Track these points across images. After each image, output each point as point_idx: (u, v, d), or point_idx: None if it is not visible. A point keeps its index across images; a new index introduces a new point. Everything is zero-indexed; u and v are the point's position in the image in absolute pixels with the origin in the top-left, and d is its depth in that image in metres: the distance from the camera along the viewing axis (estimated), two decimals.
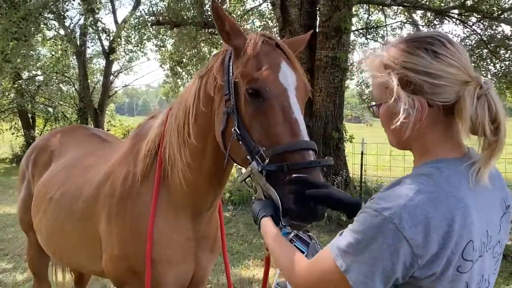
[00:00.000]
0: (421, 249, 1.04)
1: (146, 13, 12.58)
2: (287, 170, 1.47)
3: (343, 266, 1.09)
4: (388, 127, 1.26)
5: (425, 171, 1.13)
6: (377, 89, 1.26)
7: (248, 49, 1.68)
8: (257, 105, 1.62)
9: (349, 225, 1.15)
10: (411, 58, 1.15)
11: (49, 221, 2.69)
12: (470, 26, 10.89)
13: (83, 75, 18.06)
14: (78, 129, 3.40)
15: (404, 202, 1.05)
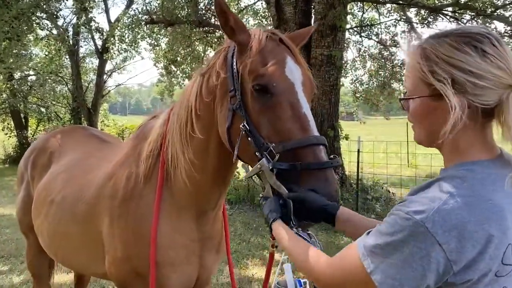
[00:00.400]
0: (456, 255, 1.00)
1: (140, 11, 12.52)
2: (299, 169, 1.46)
3: (370, 266, 1.07)
4: (420, 122, 1.20)
5: (458, 173, 1.09)
6: (412, 81, 1.19)
7: (253, 45, 1.66)
8: (264, 101, 1.59)
9: (377, 226, 1.12)
10: (458, 55, 1.08)
11: (50, 224, 2.66)
12: (464, 23, 10.94)
13: (76, 74, 17.94)
14: (77, 129, 3.37)
15: (438, 206, 1.01)
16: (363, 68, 15.27)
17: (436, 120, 1.13)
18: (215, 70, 1.82)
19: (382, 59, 13.71)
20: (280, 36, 1.74)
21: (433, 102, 1.13)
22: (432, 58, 1.11)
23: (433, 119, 1.15)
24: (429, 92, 1.13)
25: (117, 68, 20.26)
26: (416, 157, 14.37)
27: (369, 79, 15.04)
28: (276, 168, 1.48)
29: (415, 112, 1.20)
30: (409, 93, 1.21)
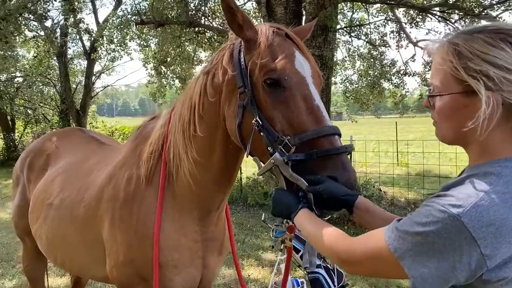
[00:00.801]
0: (491, 250, 0.99)
1: (129, 12, 12.43)
2: (315, 157, 1.45)
3: (397, 251, 1.07)
4: (447, 120, 1.19)
5: (493, 170, 1.07)
6: (441, 78, 1.17)
7: (261, 41, 1.66)
8: (277, 95, 1.59)
9: (409, 215, 1.12)
10: (493, 51, 1.07)
11: (49, 227, 2.64)
12: (453, 23, 11.06)
13: (64, 76, 17.77)
14: (74, 132, 3.33)
15: (475, 201, 1.00)
16: (352, 68, 15.36)
17: (466, 118, 1.11)
18: (221, 67, 1.81)
19: (371, 59, 13.77)
20: (286, 31, 1.75)
21: (465, 99, 1.12)
22: (466, 54, 1.10)
23: (463, 116, 1.13)
24: (461, 89, 1.12)
25: (105, 69, 20.11)
26: (406, 156, 14.50)
27: (359, 79, 15.12)
28: (292, 160, 1.47)
29: (443, 109, 1.18)
30: (437, 90, 1.19)
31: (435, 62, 1.20)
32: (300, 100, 1.57)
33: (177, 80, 15.13)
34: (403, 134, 21.42)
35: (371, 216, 1.50)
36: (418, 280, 1.05)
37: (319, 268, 3.70)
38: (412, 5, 10.83)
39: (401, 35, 13.00)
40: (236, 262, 2.43)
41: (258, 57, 1.63)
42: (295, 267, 4.47)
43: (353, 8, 13.23)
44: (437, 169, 11.50)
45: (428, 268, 1.03)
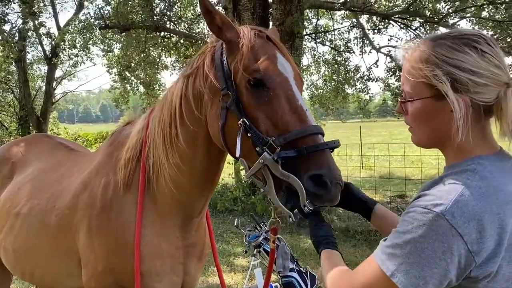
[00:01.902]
0: (477, 245, 1.01)
1: (92, 16, 12.18)
2: (305, 153, 1.46)
3: (389, 269, 1.06)
4: (421, 124, 1.23)
5: (469, 167, 1.12)
6: (412, 84, 1.20)
7: (244, 42, 1.66)
8: (261, 96, 1.60)
9: (392, 231, 1.12)
10: (457, 55, 1.12)
11: (16, 238, 2.51)
12: (414, 30, 11.44)
13: (23, 81, 17.14)
14: (42, 138, 3.20)
15: (455, 198, 1.03)
16: (317, 73, 15.61)
17: (439, 121, 1.17)
18: (203, 70, 1.80)
19: (336, 65, 14.04)
20: (267, 34, 1.76)
21: (436, 102, 1.16)
22: (433, 60, 1.14)
23: (436, 120, 1.18)
24: (431, 93, 1.16)
25: (67, 75, 19.56)
26: (369, 159, 14.83)
27: (324, 84, 15.38)
28: (281, 158, 1.47)
29: (416, 114, 1.22)
30: (409, 96, 1.23)
31: (404, 69, 1.24)
32: (283, 100, 1.58)
33: (141, 86, 14.92)
34: (366, 137, 21.87)
35: (389, 223, 1.53)
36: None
37: (292, 271, 3.72)
38: (375, 12, 11.13)
39: (365, 42, 13.31)
40: (217, 266, 2.41)
41: (241, 58, 1.64)
42: None
43: (318, 14, 13.45)
44: (400, 171, 11.83)
45: (423, 279, 1.03)
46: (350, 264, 5.53)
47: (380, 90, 13.67)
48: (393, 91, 12.45)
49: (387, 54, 12.68)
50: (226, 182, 10.21)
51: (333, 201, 1.47)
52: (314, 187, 1.43)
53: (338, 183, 1.45)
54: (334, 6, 11.32)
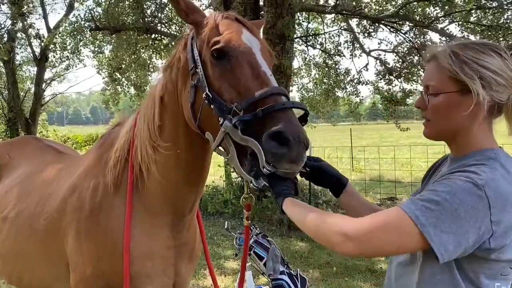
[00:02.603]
0: (498, 216, 1.17)
1: (83, 18, 12.11)
2: (261, 115, 1.43)
3: (418, 219, 1.17)
4: (441, 117, 1.37)
5: (491, 156, 1.29)
6: (440, 79, 1.35)
7: (208, 21, 1.71)
8: (224, 65, 1.61)
9: (427, 190, 1.25)
10: (484, 57, 1.29)
11: (4, 242, 2.48)
12: (403, 34, 11.55)
13: (12, 83, 16.97)
14: (29, 140, 3.17)
15: (491, 176, 1.20)
16: (308, 76, 15.68)
17: (459, 115, 1.32)
18: (177, 57, 1.84)
19: (326, 68, 14.10)
20: (237, 16, 1.78)
21: (459, 97, 1.31)
22: (462, 59, 1.31)
23: (456, 113, 1.33)
24: (457, 88, 1.31)
25: (57, 76, 19.40)
26: (359, 161, 14.91)
27: (314, 87, 15.44)
28: (239, 121, 1.46)
29: (440, 106, 1.36)
30: (435, 90, 1.37)
31: (432, 65, 1.39)
32: (246, 67, 1.58)
33: (132, 88, 14.86)
34: (356, 140, 22.02)
35: (356, 201, 1.66)
36: (437, 245, 1.17)
37: (283, 274, 3.72)
38: (366, 15, 11.21)
39: (355, 45, 13.40)
40: (210, 266, 2.38)
41: (205, 34, 1.68)
42: (259, 275, 4.47)
43: (309, 18, 13.52)
44: (390, 174, 11.91)
45: (447, 234, 1.16)
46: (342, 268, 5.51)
47: (370, 93, 13.76)
48: (382, 94, 12.54)
49: (377, 57, 12.78)
50: (216, 184, 10.19)
51: (297, 161, 1.41)
52: (273, 146, 1.38)
53: (301, 142, 1.39)
54: (325, 9, 11.40)
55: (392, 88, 12.34)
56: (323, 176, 1.69)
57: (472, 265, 1.25)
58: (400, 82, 12.02)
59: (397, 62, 12.14)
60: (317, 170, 1.69)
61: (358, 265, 5.80)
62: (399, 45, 12.21)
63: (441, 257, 1.18)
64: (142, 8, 11.03)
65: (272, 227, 7.82)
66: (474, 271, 1.26)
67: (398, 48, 12.27)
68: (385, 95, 12.32)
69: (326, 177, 1.69)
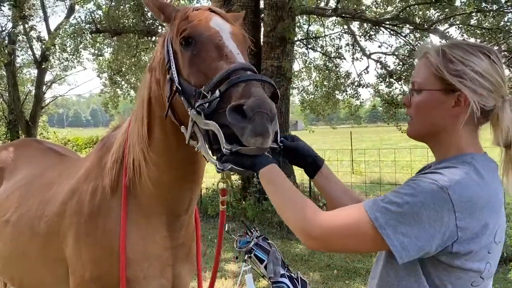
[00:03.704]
0: (464, 223, 1.13)
1: (83, 20, 12.13)
2: (219, 94, 1.37)
3: (378, 221, 1.15)
4: (423, 115, 1.33)
5: (467, 160, 1.24)
6: (425, 75, 1.32)
7: (178, 13, 1.69)
8: (191, 51, 1.57)
9: (393, 190, 1.22)
10: (471, 57, 1.25)
11: (6, 245, 2.48)
12: (404, 36, 11.56)
13: (12, 85, 16.99)
14: (31, 143, 3.17)
15: (459, 179, 1.15)
16: (308, 79, 15.69)
17: (440, 114, 1.29)
18: (157, 57, 1.83)
19: (326, 71, 14.12)
20: (210, 7, 1.75)
21: (442, 96, 1.28)
22: (449, 57, 1.27)
23: (438, 112, 1.29)
24: (441, 87, 1.28)
25: (57, 79, 19.42)
26: (359, 164, 14.90)
27: (315, 90, 15.46)
28: (200, 107, 1.41)
29: (422, 103, 1.32)
30: (418, 86, 1.34)
31: (421, 62, 1.36)
32: (212, 50, 1.54)
33: (132, 91, 14.87)
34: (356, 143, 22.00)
35: (331, 183, 1.59)
36: (397, 249, 1.14)
37: (283, 277, 3.71)
38: (366, 19, 11.23)
39: (355, 48, 13.41)
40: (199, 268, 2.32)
41: (175, 26, 1.66)
42: (259, 277, 4.46)
43: (309, 20, 13.54)
44: (390, 177, 11.90)
45: (409, 238, 1.13)
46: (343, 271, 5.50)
47: (371, 96, 13.77)
48: (383, 97, 12.56)
49: (378, 60, 12.80)
50: (216, 187, 10.15)
51: (263, 134, 1.30)
52: (234, 120, 1.30)
53: (263, 112, 1.29)
54: (325, 12, 11.41)
55: (392, 90, 12.36)
56: (299, 155, 1.61)
57: (438, 271, 1.21)
58: (400, 85, 12.04)
59: (397, 65, 12.15)
60: (293, 149, 1.60)
61: (359, 268, 5.79)
62: (399, 48, 12.24)
63: (400, 260, 1.14)
64: (143, 11, 11.04)
65: (272, 229, 7.81)
66: (440, 278, 1.21)
67: (399, 51, 12.30)
68: (386, 98, 12.33)
69: (301, 156, 1.61)
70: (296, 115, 42.52)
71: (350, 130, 19.40)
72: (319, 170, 1.59)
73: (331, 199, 1.59)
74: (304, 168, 1.63)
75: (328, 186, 1.59)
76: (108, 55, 14.42)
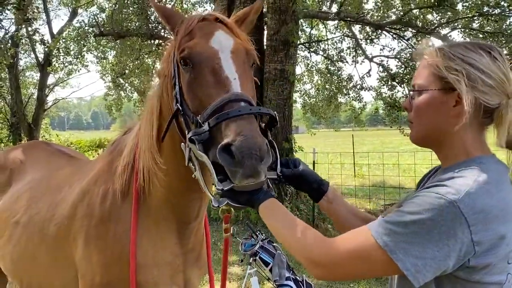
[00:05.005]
0: (480, 236, 1.05)
1: (87, 24, 12.18)
2: (207, 128, 1.35)
3: (387, 245, 1.07)
4: (423, 117, 1.27)
5: (475, 165, 1.17)
6: (426, 76, 1.27)
7: (182, 26, 1.62)
8: (190, 74, 1.53)
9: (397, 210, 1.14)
10: (472, 55, 1.19)
11: (15, 247, 2.48)
12: (406, 40, 11.59)
13: (15, 88, 17.02)
14: (39, 145, 3.18)
15: (468, 190, 1.07)
16: (310, 82, 15.73)
17: (441, 115, 1.23)
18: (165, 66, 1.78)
19: (328, 74, 14.15)
20: (217, 16, 1.69)
21: (442, 95, 1.22)
22: (448, 56, 1.21)
23: (438, 113, 1.24)
24: (440, 86, 1.22)
25: (60, 81, 19.46)
26: (361, 167, 14.89)
27: (317, 93, 15.49)
28: (194, 136, 1.39)
29: (421, 106, 1.27)
30: (418, 87, 1.29)
31: (422, 63, 1.31)
32: (208, 74, 1.49)
33: (135, 93, 14.92)
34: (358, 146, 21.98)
35: (338, 205, 1.55)
36: (411, 273, 1.06)
37: (288, 280, 3.72)
38: (368, 22, 11.27)
39: (358, 51, 13.44)
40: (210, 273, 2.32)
41: (177, 42, 1.60)
42: (264, 280, 4.46)
43: (312, 24, 13.58)
44: (392, 180, 11.88)
45: (422, 259, 1.05)
46: None
47: (373, 99, 13.81)
48: (385, 100, 12.58)
49: (380, 63, 12.82)
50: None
51: (254, 175, 1.28)
52: (225, 162, 1.28)
53: (252, 155, 1.25)
54: (328, 16, 11.45)
55: (395, 94, 12.39)
56: (303, 182, 1.58)
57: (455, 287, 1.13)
58: (402, 88, 12.06)
59: (399, 68, 12.18)
60: (297, 177, 1.57)
61: None
62: (401, 51, 12.27)
63: (416, 284, 1.07)
64: (146, 14, 11.09)
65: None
66: None
67: (401, 54, 12.33)
68: (388, 101, 12.35)
69: (306, 183, 1.58)
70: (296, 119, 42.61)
71: (351, 133, 19.37)
72: (325, 195, 1.57)
73: (338, 221, 1.57)
74: (309, 193, 1.62)
75: (334, 209, 1.56)
76: (112, 58, 14.49)
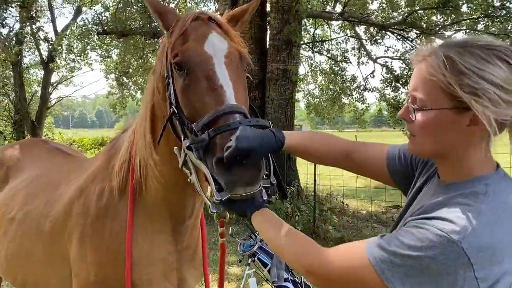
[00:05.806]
0: (484, 273, 0.98)
1: (90, 22, 12.21)
2: (208, 138, 1.36)
3: (385, 273, 1.04)
4: (430, 135, 1.12)
5: (479, 189, 1.06)
6: (429, 90, 1.09)
7: (176, 26, 1.59)
8: (183, 79, 1.52)
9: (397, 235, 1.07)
10: (488, 67, 1.01)
11: (10, 244, 2.47)
12: (410, 41, 11.54)
13: (19, 86, 17.08)
14: (37, 143, 3.18)
15: (473, 226, 0.98)
16: (314, 83, 15.71)
17: (452, 134, 1.09)
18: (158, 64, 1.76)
19: (332, 74, 14.13)
20: (210, 15, 1.66)
21: (454, 115, 1.06)
22: (460, 69, 1.03)
23: (449, 133, 1.09)
24: (452, 105, 1.05)
25: (63, 79, 19.52)
26: None
27: (320, 93, 15.47)
28: (193, 145, 1.40)
29: (428, 124, 1.10)
30: (422, 104, 1.11)
31: (421, 72, 1.11)
32: (203, 81, 1.48)
33: (139, 92, 14.94)
34: None
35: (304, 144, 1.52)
36: None
37: (287, 281, 3.69)
38: (372, 23, 11.23)
39: (361, 52, 13.41)
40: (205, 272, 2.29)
41: (171, 43, 1.58)
42: (263, 281, 4.44)
43: (316, 24, 13.55)
44: None
45: None
46: None
47: (376, 100, 13.76)
48: (388, 101, 12.53)
49: (384, 64, 12.78)
50: None
51: (252, 183, 1.32)
52: (222, 174, 1.31)
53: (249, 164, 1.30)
54: (332, 16, 11.42)
55: (398, 95, 12.33)
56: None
57: None
58: (406, 89, 12.01)
59: (403, 69, 12.13)
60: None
61: None
62: (406, 52, 12.22)
63: None
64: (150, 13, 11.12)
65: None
66: None
67: (405, 55, 12.28)
68: (392, 103, 12.30)
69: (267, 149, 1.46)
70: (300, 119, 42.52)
71: (355, 134, 19.31)
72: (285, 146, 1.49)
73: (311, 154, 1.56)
74: None
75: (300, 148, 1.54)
76: (115, 57, 14.51)
